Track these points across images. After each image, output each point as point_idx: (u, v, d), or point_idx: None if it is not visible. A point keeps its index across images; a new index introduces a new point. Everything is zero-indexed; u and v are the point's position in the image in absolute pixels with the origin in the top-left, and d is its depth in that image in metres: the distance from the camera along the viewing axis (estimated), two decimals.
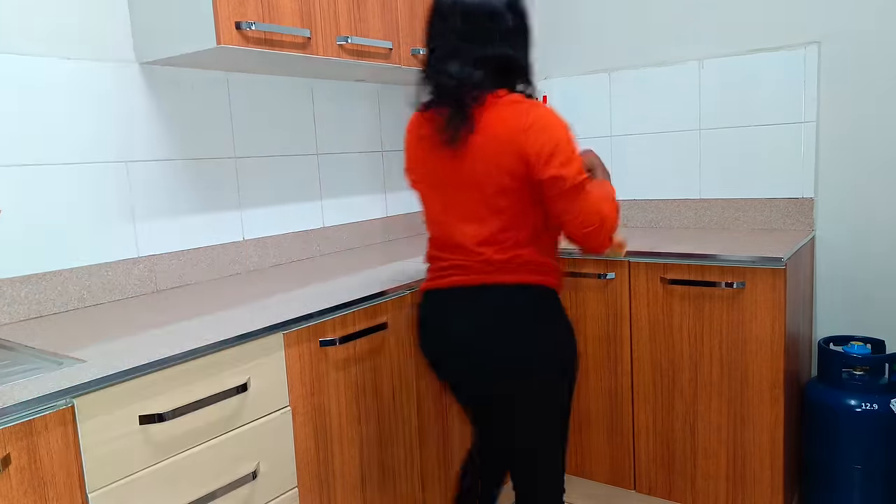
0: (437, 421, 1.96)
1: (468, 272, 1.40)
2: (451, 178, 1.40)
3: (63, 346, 1.33)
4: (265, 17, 1.71)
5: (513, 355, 1.37)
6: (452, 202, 1.42)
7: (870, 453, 2.02)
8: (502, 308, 1.38)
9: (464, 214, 1.40)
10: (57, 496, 1.10)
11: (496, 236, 1.38)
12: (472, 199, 1.38)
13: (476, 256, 1.39)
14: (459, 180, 1.39)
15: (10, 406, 1.02)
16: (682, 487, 2.16)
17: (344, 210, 2.47)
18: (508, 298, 1.38)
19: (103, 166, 1.75)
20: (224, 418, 1.36)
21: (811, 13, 2.28)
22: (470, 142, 1.35)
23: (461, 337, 1.40)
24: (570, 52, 2.80)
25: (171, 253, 1.90)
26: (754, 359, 1.98)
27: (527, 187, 1.35)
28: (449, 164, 1.40)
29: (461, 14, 1.38)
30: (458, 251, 1.41)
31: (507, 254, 1.38)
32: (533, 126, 1.32)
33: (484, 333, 1.38)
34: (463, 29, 1.37)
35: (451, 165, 1.39)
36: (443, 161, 1.41)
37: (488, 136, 1.34)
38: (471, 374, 1.43)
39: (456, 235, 1.41)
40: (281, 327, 1.46)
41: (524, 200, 1.37)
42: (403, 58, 2.16)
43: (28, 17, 1.60)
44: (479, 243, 1.38)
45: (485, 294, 1.39)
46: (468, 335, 1.39)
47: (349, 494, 1.67)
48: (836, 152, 2.29)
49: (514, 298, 1.39)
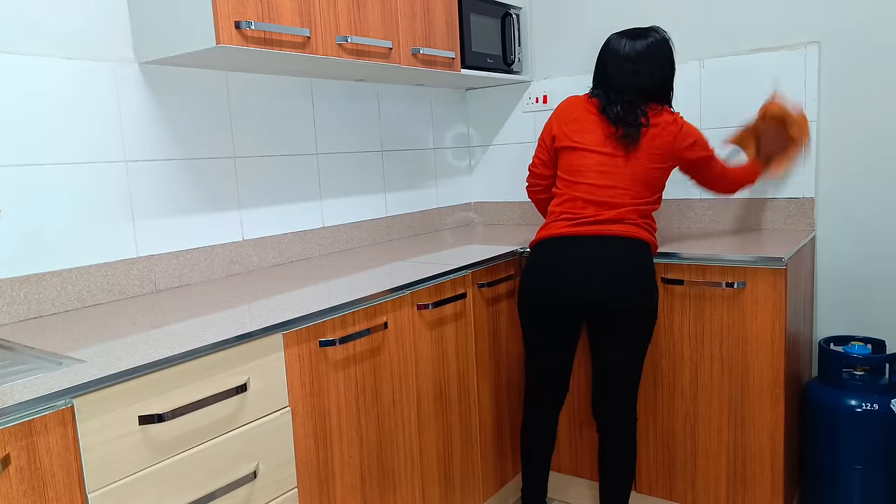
0: (437, 421, 1.95)
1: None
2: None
3: (63, 346, 1.33)
4: (265, 17, 1.71)
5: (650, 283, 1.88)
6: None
7: (870, 453, 2.02)
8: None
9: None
10: (57, 496, 1.10)
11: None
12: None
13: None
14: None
15: (9, 406, 1.02)
16: (683, 488, 2.16)
17: (344, 210, 2.47)
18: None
19: (103, 166, 1.75)
20: (224, 418, 1.35)
21: (811, 13, 2.28)
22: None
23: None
24: (570, 52, 2.80)
25: (171, 253, 1.90)
26: (755, 359, 1.98)
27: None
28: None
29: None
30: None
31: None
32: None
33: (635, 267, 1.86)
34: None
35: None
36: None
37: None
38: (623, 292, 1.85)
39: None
40: (280, 327, 1.46)
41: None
42: (403, 57, 2.16)
43: (28, 18, 1.60)
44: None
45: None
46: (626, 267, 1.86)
47: (349, 494, 1.66)
48: (836, 152, 2.29)
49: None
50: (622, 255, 1.83)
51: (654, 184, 1.91)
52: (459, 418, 2.05)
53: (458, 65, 2.40)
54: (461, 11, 2.41)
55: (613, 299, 1.83)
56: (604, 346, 1.93)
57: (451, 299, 1.95)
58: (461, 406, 2.05)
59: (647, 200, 1.89)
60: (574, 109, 1.97)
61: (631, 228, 1.85)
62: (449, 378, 1.99)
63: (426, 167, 2.86)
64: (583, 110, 1.95)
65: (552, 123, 2.00)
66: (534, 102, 2.88)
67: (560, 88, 2.83)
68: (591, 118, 1.92)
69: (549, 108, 2.85)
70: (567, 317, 1.91)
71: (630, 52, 1.90)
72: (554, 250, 1.89)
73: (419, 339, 1.87)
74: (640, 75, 1.88)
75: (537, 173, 2.08)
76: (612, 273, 1.82)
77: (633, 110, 1.86)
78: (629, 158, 1.87)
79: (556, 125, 1.98)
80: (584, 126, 1.92)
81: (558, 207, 1.94)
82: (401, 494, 1.84)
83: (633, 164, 1.87)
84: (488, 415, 2.19)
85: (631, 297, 1.83)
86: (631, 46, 1.90)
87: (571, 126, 1.94)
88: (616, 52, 1.92)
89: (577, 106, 1.97)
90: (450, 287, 1.97)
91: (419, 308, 1.85)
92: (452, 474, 2.03)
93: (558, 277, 1.87)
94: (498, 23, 2.62)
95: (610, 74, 1.93)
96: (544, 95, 2.86)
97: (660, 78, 1.91)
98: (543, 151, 2.04)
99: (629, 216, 1.86)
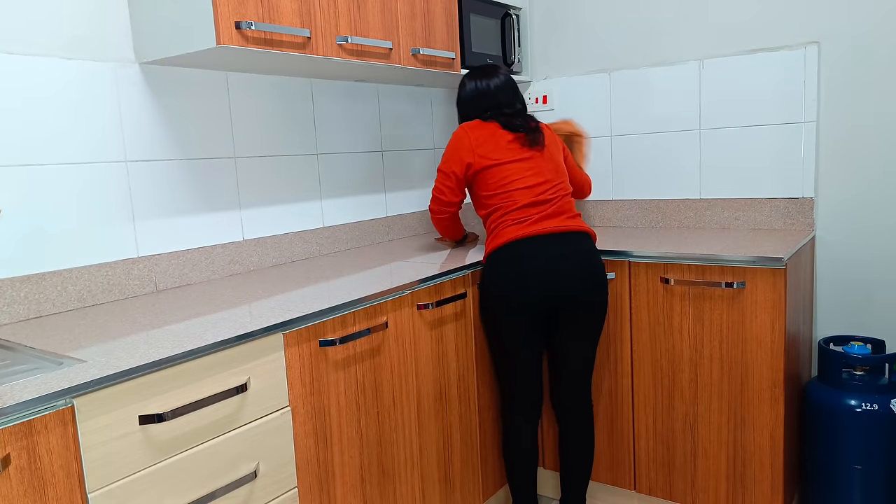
0: (437, 421, 1.96)
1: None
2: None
3: (63, 346, 1.33)
4: (265, 17, 1.71)
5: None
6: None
7: (870, 453, 2.02)
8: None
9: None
10: (57, 496, 1.10)
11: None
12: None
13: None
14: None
15: (10, 406, 1.02)
16: (683, 487, 2.16)
17: (344, 210, 2.47)
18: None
19: (103, 166, 1.75)
20: (224, 418, 1.36)
21: (811, 13, 2.28)
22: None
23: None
24: (570, 52, 2.80)
25: (171, 253, 1.90)
26: (754, 359, 1.98)
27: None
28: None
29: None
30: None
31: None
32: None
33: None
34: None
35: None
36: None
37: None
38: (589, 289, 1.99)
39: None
40: (281, 327, 1.46)
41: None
42: (403, 58, 2.16)
43: (29, 18, 1.60)
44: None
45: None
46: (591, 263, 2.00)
47: (349, 494, 1.67)
48: (836, 152, 2.29)
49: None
50: (585, 250, 1.97)
51: (566, 173, 2.13)
52: (459, 418, 2.05)
53: (458, 65, 2.40)
54: (461, 12, 2.41)
55: (584, 295, 1.96)
56: (564, 338, 2.04)
57: (451, 299, 1.95)
58: (461, 406, 2.05)
59: (569, 190, 2.09)
60: (477, 134, 2.07)
61: (578, 222, 2.01)
62: (449, 378, 1.99)
63: (426, 167, 2.86)
64: (486, 132, 2.07)
65: (460, 155, 2.07)
66: (534, 103, 2.88)
67: (560, 88, 2.83)
68: (497, 136, 2.06)
69: (550, 108, 2.86)
70: (539, 315, 1.98)
71: (497, 83, 2.16)
72: (519, 254, 1.94)
73: (419, 339, 1.87)
74: (516, 96, 2.18)
75: (445, 201, 2.15)
76: (581, 269, 1.95)
77: (525, 119, 2.12)
78: (543, 155, 2.06)
79: (468, 155, 2.06)
80: (495, 144, 2.05)
81: (506, 217, 1.99)
82: (401, 494, 1.84)
83: (547, 158, 2.07)
84: (488, 415, 2.19)
85: (597, 291, 1.98)
86: (494, 82, 2.17)
87: (483, 149, 2.04)
88: (487, 85, 2.16)
89: (477, 130, 2.08)
90: (450, 287, 1.97)
91: (419, 308, 1.85)
92: (452, 474, 2.03)
93: (527, 280, 1.93)
94: (498, 23, 2.62)
95: (494, 100, 2.14)
96: (544, 96, 2.87)
97: (521, 98, 2.20)
98: (450, 180, 2.11)
99: (566, 207, 2.03)
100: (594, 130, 2.78)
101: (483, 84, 2.16)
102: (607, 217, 2.79)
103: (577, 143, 2.47)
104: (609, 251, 2.18)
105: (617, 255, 2.17)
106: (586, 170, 2.53)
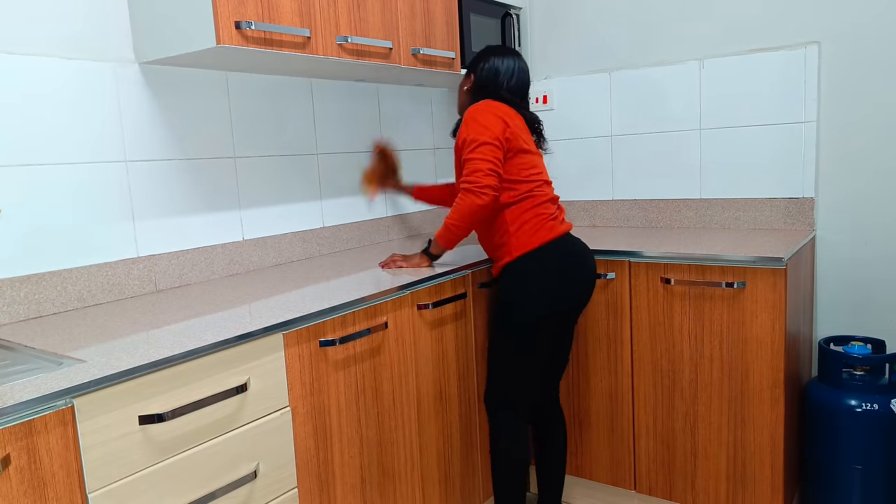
0: (437, 421, 1.95)
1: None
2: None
3: (63, 346, 1.33)
4: (265, 17, 1.71)
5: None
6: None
7: (870, 453, 2.02)
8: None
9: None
10: (57, 496, 1.10)
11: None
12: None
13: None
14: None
15: (10, 406, 1.02)
16: (683, 487, 2.16)
17: (344, 210, 2.47)
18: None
19: (103, 166, 1.75)
20: (224, 418, 1.36)
21: (811, 13, 2.28)
22: None
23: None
24: (570, 52, 2.80)
25: (171, 253, 1.90)
26: (755, 359, 1.98)
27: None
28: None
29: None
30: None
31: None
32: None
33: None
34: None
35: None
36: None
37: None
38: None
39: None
40: (281, 327, 1.46)
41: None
42: (403, 57, 2.16)
43: (28, 18, 1.60)
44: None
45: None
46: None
47: (349, 495, 1.67)
48: (836, 152, 2.29)
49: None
50: (589, 251, 1.99)
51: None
52: (459, 418, 2.05)
53: (457, 65, 2.40)
54: (461, 11, 2.41)
55: (589, 297, 2.00)
56: (564, 338, 2.07)
57: (451, 299, 1.95)
58: (461, 406, 2.05)
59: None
60: (506, 110, 1.89)
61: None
62: (449, 378, 1.99)
63: (426, 167, 2.86)
64: (512, 112, 1.90)
65: (503, 121, 1.83)
66: (534, 103, 2.88)
67: (560, 88, 2.83)
68: (519, 120, 1.93)
69: (550, 108, 2.86)
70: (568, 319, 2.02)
71: (525, 68, 2.03)
72: (566, 255, 1.92)
73: (419, 339, 1.87)
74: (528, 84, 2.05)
75: (497, 180, 1.80)
76: (593, 271, 1.98)
77: (534, 114, 2.03)
78: (542, 156, 2.03)
79: (506, 125, 1.83)
80: (523, 128, 1.94)
81: (539, 209, 1.89)
82: (401, 494, 1.84)
83: (542, 160, 2.02)
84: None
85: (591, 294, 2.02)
86: (517, 64, 2.00)
87: (515, 128, 1.87)
88: (522, 69, 2.01)
89: (505, 108, 1.89)
90: (450, 287, 1.97)
91: (419, 308, 1.85)
92: (452, 474, 2.03)
93: (575, 286, 1.94)
94: (498, 23, 2.62)
95: (518, 83, 2.00)
96: (544, 95, 2.87)
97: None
98: (499, 150, 1.80)
99: (561, 208, 2.02)
100: (594, 130, 2.78)
101: (522, 65, 2.01)
102: (607, 217, 2.79)
103: (389, 158, 2.55)
104: (609, 251, 2.18)
105: (617, 255, 2.17)
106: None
